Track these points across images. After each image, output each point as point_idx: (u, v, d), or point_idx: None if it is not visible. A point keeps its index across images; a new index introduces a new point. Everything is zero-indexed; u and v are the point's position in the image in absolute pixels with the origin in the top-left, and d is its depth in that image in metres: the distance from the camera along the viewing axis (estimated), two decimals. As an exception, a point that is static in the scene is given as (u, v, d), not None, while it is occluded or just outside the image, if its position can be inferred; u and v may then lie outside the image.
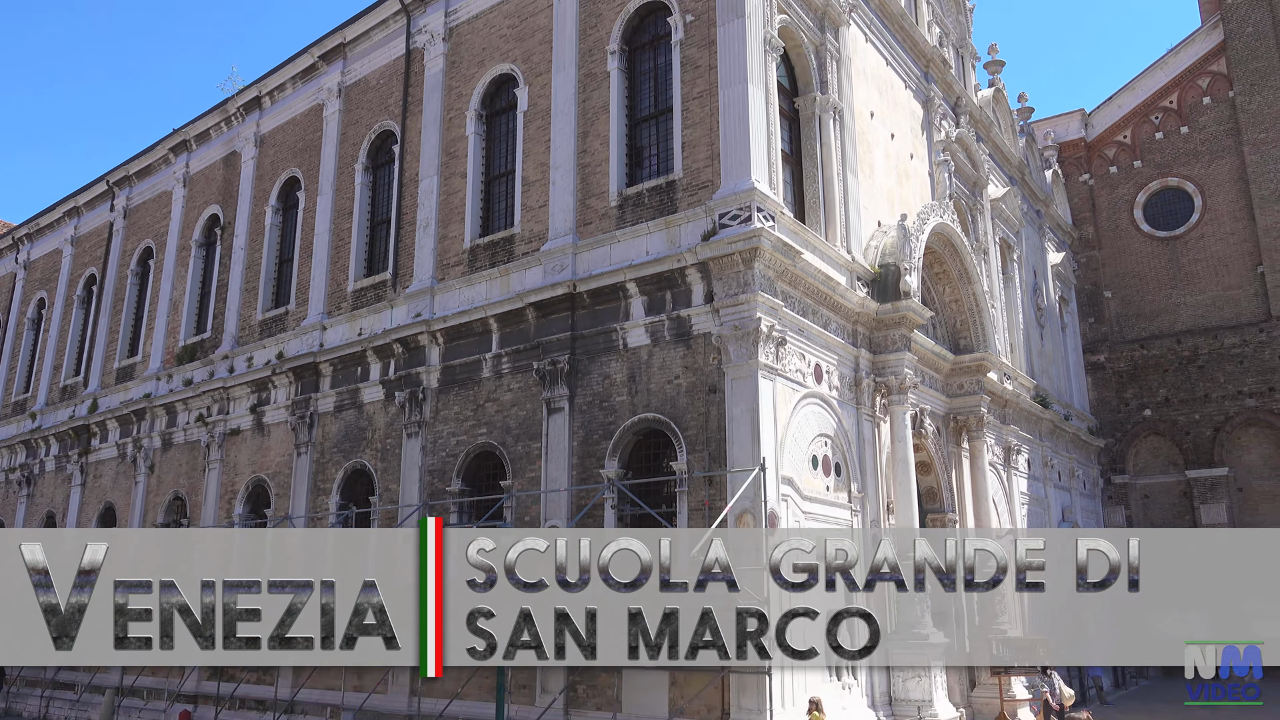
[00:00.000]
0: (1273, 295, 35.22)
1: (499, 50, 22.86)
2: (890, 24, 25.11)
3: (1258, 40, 37.00)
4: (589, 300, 18.92)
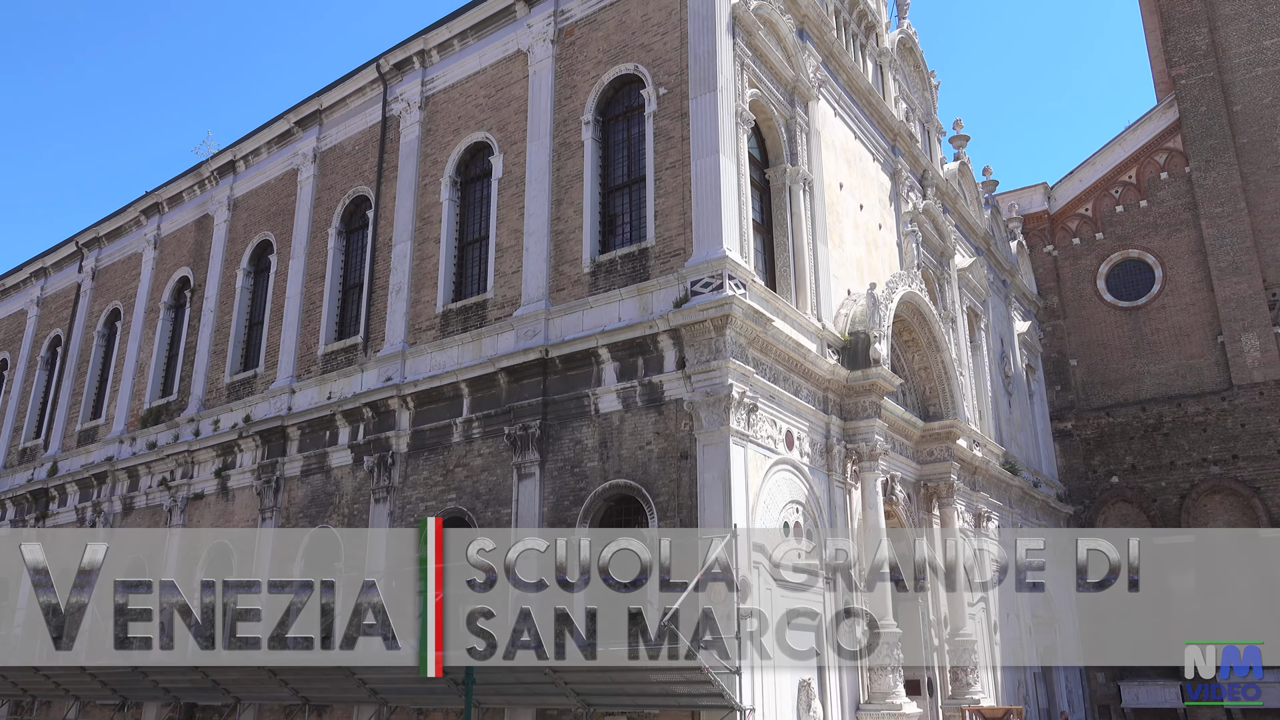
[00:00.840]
0: (1233, 365, 35.89)
1: (474, 119, 23.17)
2: (858, 99, 25.74)
3: (1211, 119, 38.26)
4: (561, 366, 18.93)
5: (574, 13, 21.63)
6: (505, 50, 22.87)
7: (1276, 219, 36.47)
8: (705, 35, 18.91)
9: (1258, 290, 36.04)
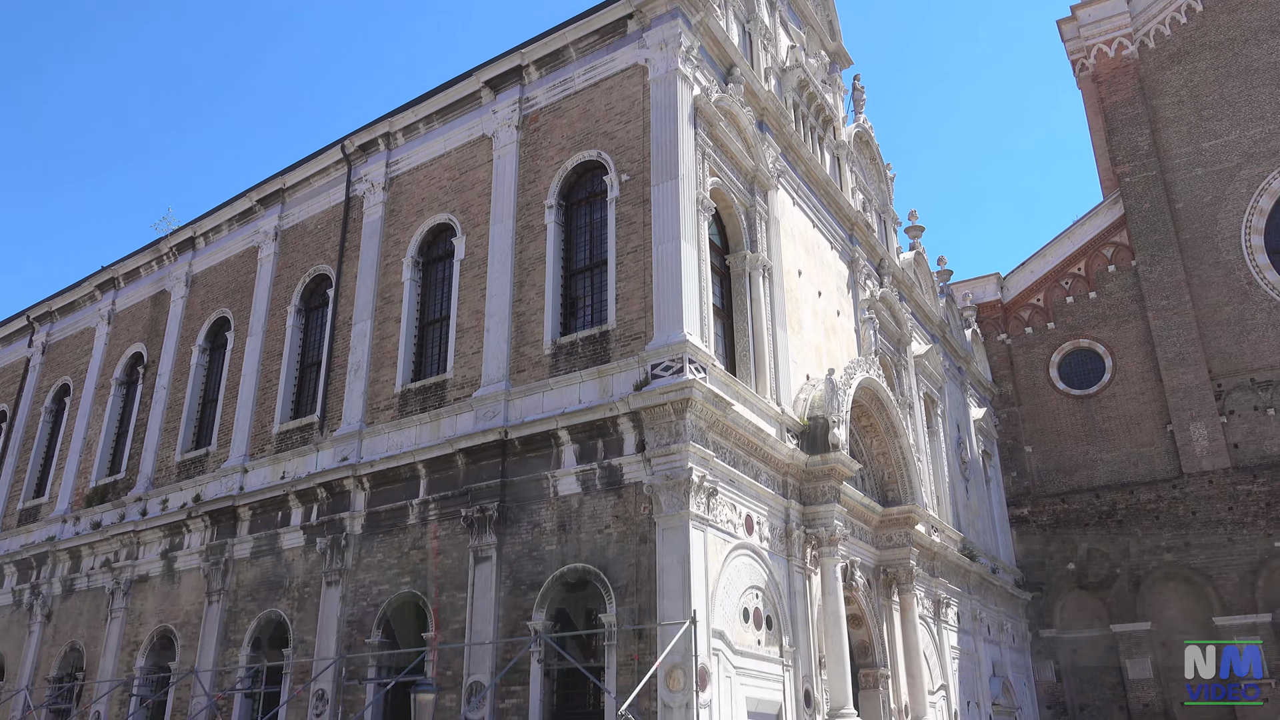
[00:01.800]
0: (1183, 453, 36.52)
1: (438, 200, 23.38)
2: (816, 189, 26.39)
3: (1155, 215, 39.66)
4: (520, 447, 18.79)
5: (539, 100, 22.08)
6: (470, 134, 23.23)
7: (1219, 312, 37.60)
8: (667, 125, 19.36)
9: (1204, 381, 36.92)
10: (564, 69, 21.82)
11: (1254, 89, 39.48)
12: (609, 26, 21.10)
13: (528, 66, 22.29)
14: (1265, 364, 36.32)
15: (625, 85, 20.62)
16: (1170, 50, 41.83)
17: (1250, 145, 38.89)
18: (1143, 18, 42.68)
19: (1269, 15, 40.15)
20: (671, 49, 19.85)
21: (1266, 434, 35.59)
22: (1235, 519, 34.79)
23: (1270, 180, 38.14)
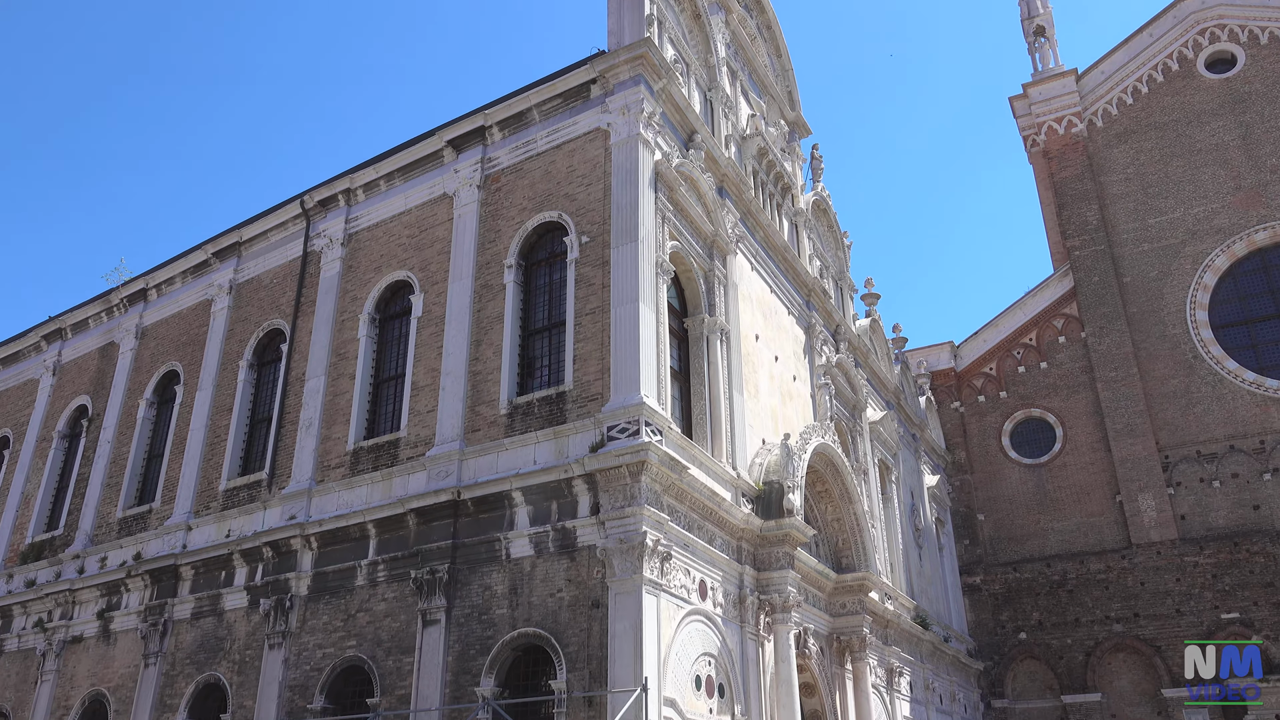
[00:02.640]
0: (1132, 524, 36.96)
1: (397, 258, 23.31)
2: (774, 255, 26.71)
3: (1103, 289, 40.65)
4: (473, 508, 18.51)
5: (501, 161, 22.23)
6: (431, 193, 23.27)
7: (1166, 385, 38.41)
8: (628, 188, 19.55)
9: (1152, 452, 37.54)
10: (527, 130, 22.02)
11: (1197, 169, 40.89)
12: (573, 90, 21.38)
13: (491, 127, 22.47)
14: (1210, 437, 37.05)
15: (587, 148, 20.83)
16: (1117, 129, 43.30)
17: (1194, 223, 40.15)
18: (1091, 97, 44.23)
19: (1210, 99, 41.80)
20: (634, 114, 20.13)
21: (1212, 506, 36.17)
22: (1183, 590, 35.14)
23: (1214, 257, 39.32)
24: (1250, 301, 38.82)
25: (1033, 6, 47.53)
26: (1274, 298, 38.54)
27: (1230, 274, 39.31)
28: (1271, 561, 34.03)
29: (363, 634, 19.22)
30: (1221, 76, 42.09)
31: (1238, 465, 36.24)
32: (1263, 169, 39.73)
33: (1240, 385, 37.21)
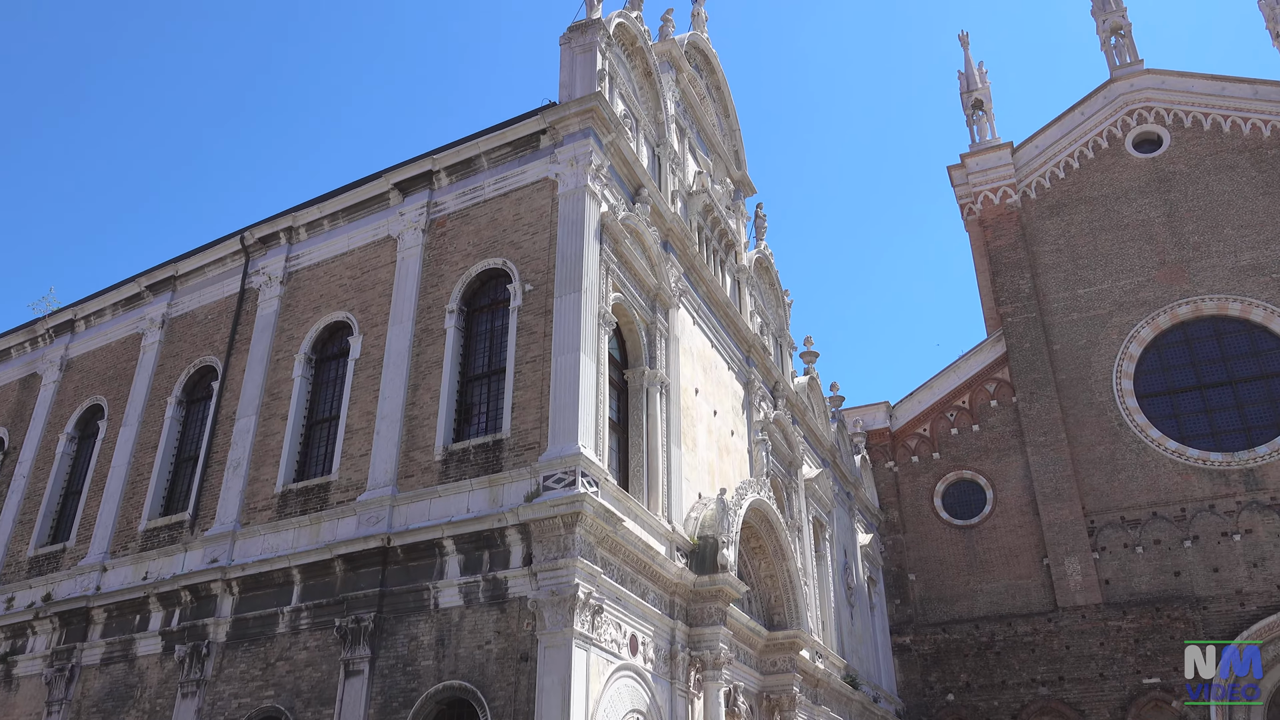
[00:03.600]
0: (1058, 587, 37.52)
1: (337, 298, 23.03)
2: (716, 311, 26.96)
3: (1034, 355, 41.70)
4: (403, 555, 18.13)
5: (447, 206, 22.19)
6: (375, 235, 23.12)
7: (1093, 451, 39.33)
8: (574, 239, 19.63)
9: (1078, 517, 38.29)
10: (475, 177, 22.05)
11: (1124, 243, 42.38)
12: (522, 140, 21.50)
13: (439, 172, 22.46)
14: (1134, 503, 37.93)
15: (534, 197, 20.92)
16: (1050, 202, 44.79)
17: (1121, 295, 41.50)
18: (1025, 170, 45.76)
19: (1137, 177, 43.51)
20: (582, 166, 20.29)
21: (1135, 571, 36.92)
22: (1106, 654, 35.66)
23: (1139, 329, 40.61)
24: (1173, 373, 40.09)
25: (972, 81, 49.22)
26: (1195, 370, 39.84)
27: (1155, 345, 40.59)
28: (1192, 627, 34.74)
29: (282, 684, 18.60)
30: (1148, 156, 43.87)
31: (1160, 532, 37.10)
32: (1185, 246, 41.32)
33: (1163, 454, 38.25)
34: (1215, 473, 37.24)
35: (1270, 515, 35.77)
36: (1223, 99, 43.51)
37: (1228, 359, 39.55)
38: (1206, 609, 35.07)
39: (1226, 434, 38.33)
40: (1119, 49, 46.93)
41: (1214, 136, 43.06)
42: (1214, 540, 36.20)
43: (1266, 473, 36.51)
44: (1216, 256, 40.66)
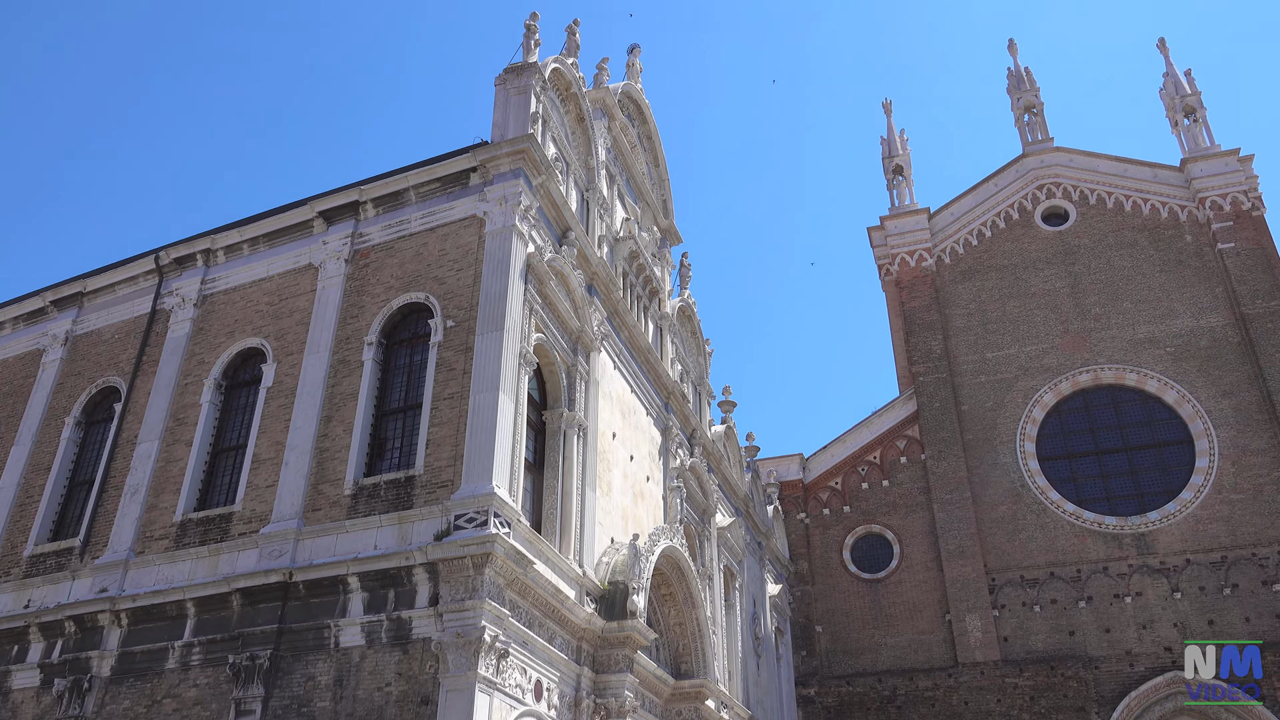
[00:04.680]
0: (959, 643, 38.24)
1: (252, 324, 22.55)
2: (638, 356, 27.12)
3: (943, 415, 42.82)
4: (305, 591, 17.64)
5: (372, 237, 21.99)
6: (296, 262, 22.75)
7: (996, 511, 40.41)
8: (498, 277, 19.61)
9: (980, 574, 39.18)
10: (402, 210, 21.93)
11: (1031, 311, 44.04)
12: (452, 176, 21.49)
13: (365, 203, 22.28)
14: (1033, 563, 38.99)
15: (461, 234, 20.87)
16: (963, 267, 46.36)
17: (1026, 360, 43.00)
18: (940, 235, 47.35)
19: (1045, 248, 45.39)
20: (511, 206, 20.34)
21: (1033, 630, 37.85)
22: (1003, 711, 36.36)
23: (1042, 394, 42.06)
24: (1073, 438, 41.56)
25: (893, 147, 50.92)
26: (1094, 436, 41.38)
27: (1056, 410, 42.07)
28: (1084, 686, 35.69)
29: (168, 722, 17.81)
30: (1056, 229, 45.84)
31: (1056, 591, 38.17)
32: (1087, 316, 43.11)
33: (1061, 515, 39.48)
34: (1110, 536, 38.56)
35: (1159, 579, 37.13)
36: (1125, 179, 45.82)
37: (1124, 426, 41.20)
38: (1098, 668, 36.09)
39: (1121, 499, 39.79)
40: (1032, 126, 49.13)
41: (1116, 214, 45.24)
42: (1107, 601, 37.38)
43: (1157, 538, 37.95)
44: (1116, 328, 42.50)
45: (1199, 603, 36.37)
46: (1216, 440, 39.04)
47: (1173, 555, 37.45)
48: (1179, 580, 36.89)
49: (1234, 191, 43.68)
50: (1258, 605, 35.75)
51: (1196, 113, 46.36)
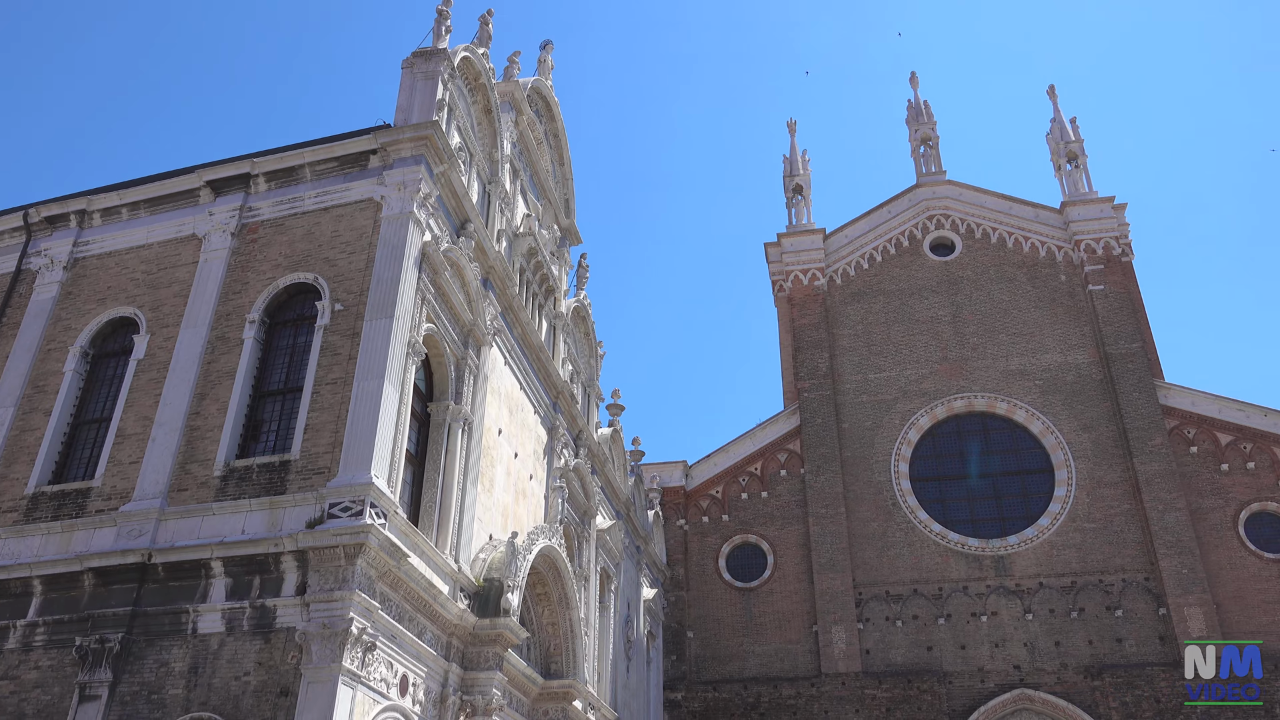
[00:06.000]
0: (824, 654, 39.25)
1: (126, 292, 21.58)
2: (529, 354, 26.98)
3: (824, 431, 43.92)
4: (164, 574, 16.95)
5: (262, 212, 21.31)
6: (179, 231, 21.88)
7: (867, 527, 41.64)
8: (392, 264, 19.25)
9: (848, 588, 40.30)
10: (295, 187, 21.31)
11: (914, 336, 45.58)
12: (351, 157, 21.01)
13: (257, 176, 21.58)
14: (899, 579, 40.34)
15: (356, 216, 20.42)
16: (853, 289, 47.67)
17: (906, 384, 44.48)
18: (834, 256, 48.58)
19: (930, 277, 47.05)
20: (410, 192, 20.00)
21: (893, 644, 39.14)
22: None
23: (918, 417, 43.57)
24: (944, 461, 43.20)
25: (795, 166, 52.01)
26: (962, 460, 43.11)
27: (931, 434, 43.64)
28: (938, 700, 37.06)
29: (3, 705, 16.86)
30: (942, 259, 47.57)
31: (918, 608, 39.57)
32: (966, 346, 44.88)
33: (928, 535, 40.96)
34: (971, 557, 40.19)
35: (1014, 600, 38.88)
36: (1009, 217, 47.90)
37: (992, 453, 43.02)
38: (952, 683, 37.56)
39: (985, 522, 41.53)
40: (927, 158, 50.89)
41: (999, 249, 47.24)
42: (964, 619, 38.94)
43: (1014, 561, 39.74)
44: (991, 358, 44.37)
45: (1048, 624, 38.23)
46: (1075, 471, 41.13)
47: (1028, 578, 39.28)
48: (1031, 602, 38.71)
49: (1107, 237, 46.15)
50: (1100, 629, 37.80)
51: (1078, 159, 48.84)
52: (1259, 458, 40.06)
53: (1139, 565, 38.74)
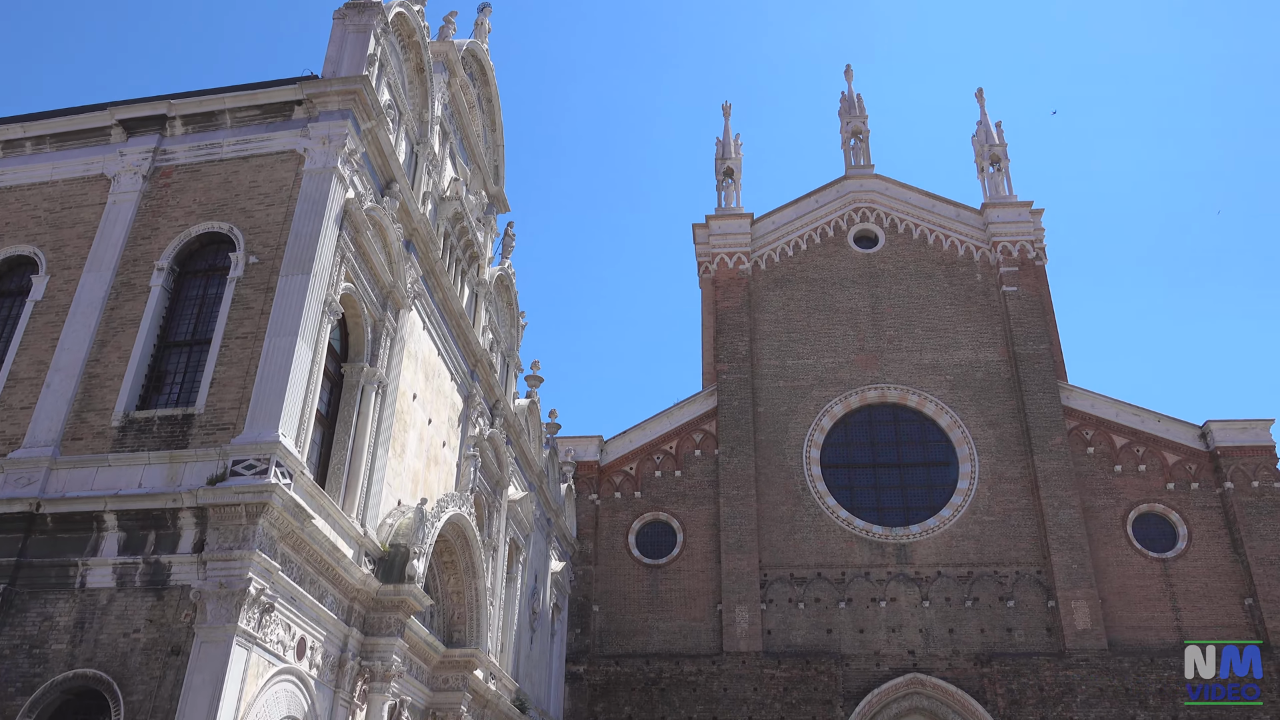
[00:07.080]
0: (726, 633, 39.86)
1: (27, 230, 20.62)
2: (449, 319, 26.63)
3: (741, 414, 44.41)
4: (53, 525, 16.34)
5: (177, 156, 20.55)
6: (87, 170, 20.96)
7: (777, 510, 42.34)
8: (312, 219, 18.75)
9: (754, 569, 40.96)
10: (214, 133, 20.58)
11: (832, 326, 46.31)
12: (274, 106, 20.37)
13: (174, 119, 20.78)
14: (804, 562, 41.14)
15: (277, 168, 19.83)
16: (776, 275, 48.16)
17: (823, 371, 45.22)
18: (760, 242, 48.98)
19: (851, 268, 47.81)
20: (334, 147, 19.49)
21: (794, 625, 39.96)
22: (758, 699, 38.20)
23: (832, 405, 44.36)
24: (854, 449, 44.11)
25: (727, 150, 52.21)
26: (872, 449, 44.08)
27: (843, 422, 44.49)
28: (834, 681, 38.00)
29: (-128, 654, 16.08)
30: (865, 252, 48.36)
31: (820, 591, 40.44)
32: (882, 338, 45.79)
33: (834, 520, 41.82)
34: (875, 544, 41.19)
35: (913, 587, 40.00)
36: (931, 214, 48.89)
37: (900, 444, 44.08)
38: (849, 665, 38.54)
39: (890, 510, 42.58)
40: (857, 150, 51.57)
41: (920, 245, 48.21)
42: (864, 604, 39.94)
43: (915, 549, 40.86)
44: (905, 351, 45.36)
45: (944, 612, 39.46)
46: (978, 465, 42.39)
47: (927, 567, 40.44)
48: (929, 590, 39.88)
49: (1023, 240, 47.46)
50: (992, 618, 39.17)
51: (1001, 162, 50.06)
52: (1150, 461, 41.86)
53: (1032, 559, 40.20)
